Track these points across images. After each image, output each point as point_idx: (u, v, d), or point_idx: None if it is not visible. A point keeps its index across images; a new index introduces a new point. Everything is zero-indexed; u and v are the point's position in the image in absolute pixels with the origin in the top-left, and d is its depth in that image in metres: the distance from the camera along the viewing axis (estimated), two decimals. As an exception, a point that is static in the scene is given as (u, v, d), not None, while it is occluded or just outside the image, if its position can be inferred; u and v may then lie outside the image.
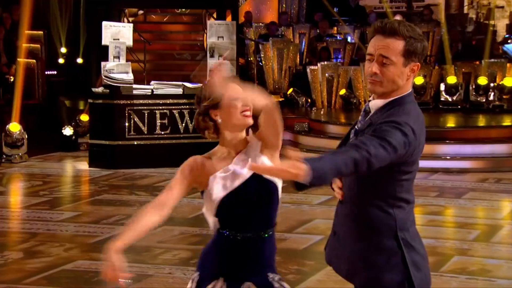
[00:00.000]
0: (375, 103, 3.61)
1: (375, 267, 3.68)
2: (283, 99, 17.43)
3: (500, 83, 16.69)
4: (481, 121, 15.94)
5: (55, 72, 17.08)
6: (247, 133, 3.96)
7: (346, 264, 3.78)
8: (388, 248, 3.63)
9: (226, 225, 3.85)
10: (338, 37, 19.34)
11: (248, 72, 18.52)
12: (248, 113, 3.85)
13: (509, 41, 18.38)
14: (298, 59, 18.72)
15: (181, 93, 14.09)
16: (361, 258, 3.71)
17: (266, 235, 3.86)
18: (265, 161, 3.84)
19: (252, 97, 3.71)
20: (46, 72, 16.89)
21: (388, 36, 3.52)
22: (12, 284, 7.50)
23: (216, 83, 3.63)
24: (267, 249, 3.91)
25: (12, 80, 15.22)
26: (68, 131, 14.98)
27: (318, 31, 19.66)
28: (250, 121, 3.86)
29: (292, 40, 19.34)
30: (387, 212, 3.61)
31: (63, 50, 17.62)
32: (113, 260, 3.52)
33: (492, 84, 16.81)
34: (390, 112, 3.53)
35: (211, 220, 3.93)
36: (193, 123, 13.38)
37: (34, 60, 16.35)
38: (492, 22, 19.21)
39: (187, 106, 13.97)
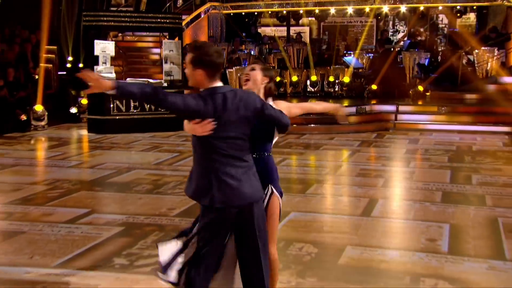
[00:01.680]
0: None
1: None
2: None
3: (341, 80, 16.92)
4: (331, 102, 16.12)
5: (65, 72, 16.88)
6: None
7: None
8: None
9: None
10: (245, 51, 19.31)
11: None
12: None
13: (346, 55, 18.54)
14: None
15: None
16: None
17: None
18: None
19: None
20: (58, 73, 16.68)
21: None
22: (40, 206, 7.39)
23: None
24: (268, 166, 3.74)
25: (36, 77, 14.97)
26: (73, 110, 15.24)
27: (233, 47, 19.62)
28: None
29: None
30: None
31: (70, 58, 17.43)
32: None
33: (337, 81, 16.96)
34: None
35: None
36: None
37: (51, 65, 16.21)
38: (336, 43, 19.27)
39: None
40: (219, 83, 3.35)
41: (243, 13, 21.30)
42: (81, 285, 4.77)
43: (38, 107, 13.82)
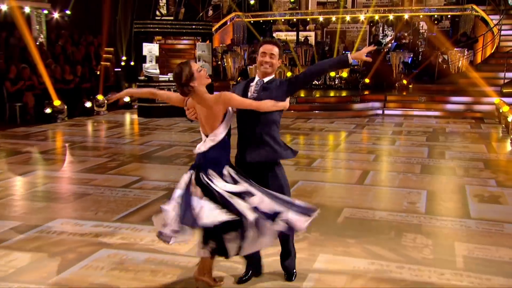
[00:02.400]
0: (266, 79, 3.67)
1: None
2: (235, 83, 16.98)
3: (340, 75, 16.73)
4: (332, 92, 16.04)
5: (120, 69, 16.86)
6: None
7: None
8: None
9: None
10: None
11: (217, 69, 18.23)
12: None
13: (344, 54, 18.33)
14: (243, 62, 18.44)
15: None
16: None
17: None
18: None
19: None
20: (115, 69, 16.61)
21: (272, 44, 3.67)
22: (101, 174, 7.51)
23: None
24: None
25: (98, 73, 15.03)
26: (127, 98, 14.76)
27: (252, 48, 19.47)
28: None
29: (239, 52, 19.04)
30: None
31: (124, 57, 17.40)
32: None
33: (336, 75, 16.72)
34: (275, 82, 3.68)
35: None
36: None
37: (109, 63, 16.20)
38: (336, 45, 19.01)
39: None
40: None
41: (261, 21, 21.13)
42: (133, 236, 4.87)
43: (100, 97, 13.82)
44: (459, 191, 6.53)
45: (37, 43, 14.79)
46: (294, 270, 3.91)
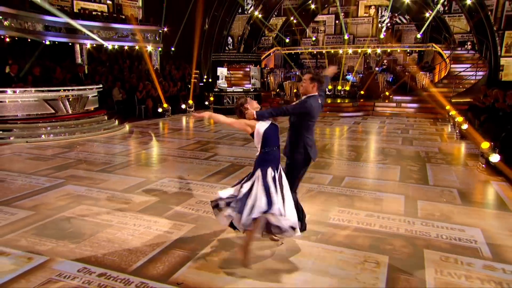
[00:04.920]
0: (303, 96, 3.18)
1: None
2: (275, 92, 16.73)
3: (344, 88, 16.28)
4: (338, 99, 15.66)
5: (202, 84, 16.98)
6: None
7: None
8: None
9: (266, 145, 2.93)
10: (293, 72, 18.88)
11: (263, 84, 17.68)
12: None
13: (347, 75, 17.82)
14: (280, 79, 18.18)
15: (241, 90, 13.58)
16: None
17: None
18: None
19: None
20: (199, 84, 16.66)
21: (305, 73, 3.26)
22: (190, 151, 7.29)
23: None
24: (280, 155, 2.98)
25: (189, 86, 15.21)
26: (206, 102, 14.89)
27: (287, 70, 19.28)
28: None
29: (278, 73, 18.64)
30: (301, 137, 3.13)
31: (205, 77, 17.60)
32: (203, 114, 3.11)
33: (342, 88, 16.35)
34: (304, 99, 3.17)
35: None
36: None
37: (196, 80, 16.26)
38: (342, 68, 18.39)
39: (247, 94, 13.33)
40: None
41: (292, 53, 20.78)
42: (209, 190, 4.88)
43: (190, 101, 13.86)
44: (421, 170, 6.26)
45: (154, 68, 15.17)
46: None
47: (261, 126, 2.95)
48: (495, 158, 5.63)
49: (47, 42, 12.87)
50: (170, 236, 3.47)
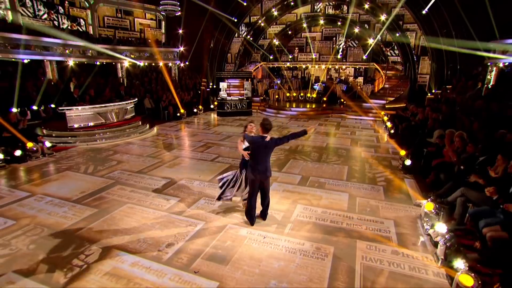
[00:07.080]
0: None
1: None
2: (262, 97, 16.24)
3: (311, 95, 15.90)
4: (308, 104, 15.27)
5: (209, 90, 16.60)
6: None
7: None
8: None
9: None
10: (275, 81, 18.10)
11: (253, 90, 16.86)
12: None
13: (314, 85, 17.71)
14: (265, 87, 17.14)
15: (238, 99, 12.77)
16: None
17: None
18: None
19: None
20: (207, 90, 16.30)
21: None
22: (206, 150, 6.84)
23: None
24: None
25: (199, 92, 14.90)
26: (211, 105, 14.45)
27: (270, 79, 18.77)
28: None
29: (264, 82, 17.73)
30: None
31: (211, 84, 17.22)
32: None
33: (310, 95, 16.21)
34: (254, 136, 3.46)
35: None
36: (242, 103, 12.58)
37: (204, 87, 15.96)
38: (311, 79, 18.17)
39: (242, 100, 12.58)
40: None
41: (275, 66, 20.43)
42: (216, 188, 4.66)
43: (200, 106, 13.57)
44: (363, 162, 6.24)
45: (173, 79, 14.87)
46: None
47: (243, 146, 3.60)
48: (408, 162, 5.89)
49: (98, 63, 12.66)
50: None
